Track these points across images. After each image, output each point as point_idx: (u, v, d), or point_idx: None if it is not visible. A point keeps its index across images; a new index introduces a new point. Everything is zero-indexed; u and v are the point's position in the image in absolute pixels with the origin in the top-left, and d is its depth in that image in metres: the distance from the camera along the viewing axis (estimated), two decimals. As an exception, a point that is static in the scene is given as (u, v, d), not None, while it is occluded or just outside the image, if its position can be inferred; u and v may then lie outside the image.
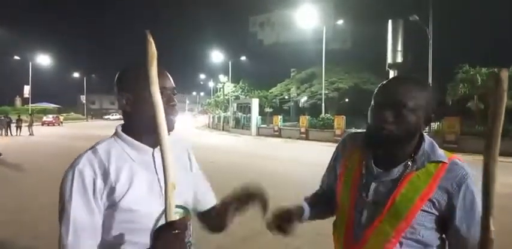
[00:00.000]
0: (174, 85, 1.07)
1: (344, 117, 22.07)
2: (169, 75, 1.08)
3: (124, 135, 1.04)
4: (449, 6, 25.15)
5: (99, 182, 0.96)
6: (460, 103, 21.82)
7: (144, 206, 0.97)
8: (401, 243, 1.07)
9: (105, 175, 0.96)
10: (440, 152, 1.09)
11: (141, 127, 1.02)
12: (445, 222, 1.08)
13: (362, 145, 1.17)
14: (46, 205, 5.94)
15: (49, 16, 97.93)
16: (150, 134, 0.97)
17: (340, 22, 34.29)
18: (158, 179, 1.02)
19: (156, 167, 1.03)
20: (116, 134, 1.06)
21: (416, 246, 1.08)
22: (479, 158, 0.71)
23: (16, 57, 46.61)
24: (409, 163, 1.08)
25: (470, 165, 1.10)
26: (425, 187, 1.06)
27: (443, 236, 1.12)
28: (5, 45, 40.13)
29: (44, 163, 11.57)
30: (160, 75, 1.02)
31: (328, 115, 24.76)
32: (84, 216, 0.93)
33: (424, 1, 21.20)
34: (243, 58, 46.51)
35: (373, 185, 1.11)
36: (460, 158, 1.11)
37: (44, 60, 49.72)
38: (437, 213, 1.07)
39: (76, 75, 65.44)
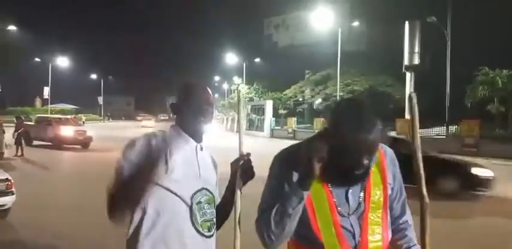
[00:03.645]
0: (209, 95, 1.42)
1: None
2: (209, 90, 1.44)
3: (179, 129, 1.38)
4: (467, 7, 24.61)
5: (162, 150, 1.26)
6: (480, 106, 21.30)
7: (184, 184, 1.28)
8: (388, 228, 1.26)
9: (167, 149, 1.27)
10: None
11: (186, 124, 1.38)
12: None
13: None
14: (67, 205, 6.07)
15: (68, 18, 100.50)
16: (191, 128, 1.37)
17: (356, 23, 33.97)
18: (198, 166, 1.34)
19: (197, 158, 1.35)
20: (173, 128, 1.40)
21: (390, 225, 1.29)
22: (500, 162, 0.71)
23: (36, 59, 47.87)
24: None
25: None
26: (381, 175, 1.25)
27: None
28: (26, 47, 41.31)
29: (66, 163, 11.82)
30: (202, 89, 1.41)
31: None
32: (142, 162, 1.23)
33: (441, 2, 20.82)
34: (258, 60, 46.57)
35: (350, 194, 1.20)
36: None
37: (63, 62, 50.86)
38: (390, 192, 1.28)
39: (94, 76, 66.76)
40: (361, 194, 1.21)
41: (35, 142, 16.24)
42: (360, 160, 1.11)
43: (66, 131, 15.80)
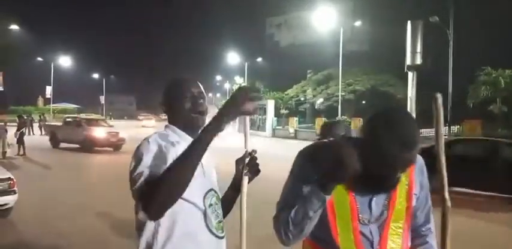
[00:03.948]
0: (201, 90, 1.33)
1: (361, 119, 21.79)
2: (198, 83, 1.35)
3: (175, 128, 1.30)
4: (470, 7, 24.53)
5: (171, 152, 1.18)
6: (482, 106, 21.24)
7: (195, 188, 1.16)
8: (408, 239, 1.23)
9: (174, 152, 1.18)
10: None
11: (179, 122, 1.30)
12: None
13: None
14: (69, 204, 6.09)
15: (70, 18, 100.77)
16: (185, 127, 1.29)
17: (358, 23, 33.89)
18: (202, 166, 1.23)
19: None
20: (168, 128, 1.32)
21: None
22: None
23: (39, 59, 48.01)
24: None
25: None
26: (408, 185, 1.20)
27: None
28: (29, 46, 41.44)
29: (67, 162, 11.84)
30: (192, 82, 1.33)
31: (345, 117, 24.52)
32: (157, 163, 1.14)
33: (444, 2, 20.76)
34: (259, 59, 46.55)
35: (373, 202, 1.16)
36: None
37: (65, 61, 51.02)
38: (415, 203, 1.22)
39: (95, 75, 66.93)
40: (385, 203, 1.17)
41: (62, 145, 15.44)
42: (394, 174, 1.07)
43: (98, 132, 14.44)
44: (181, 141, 1.25)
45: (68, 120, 16.90)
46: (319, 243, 1.21)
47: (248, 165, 1.26)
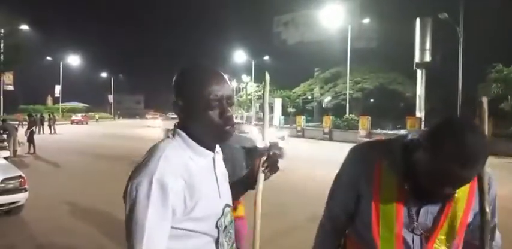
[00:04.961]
0: (231, 92, 1.02)
1: (369, 117, 21.65)
2: (227, 80, 1.03)
3: (189, 140, 1.00)
4: (480, 3, 24.14)
5: (179, 192, 0.93)
6: (493, 104, 20.93)
7: (209, 211, 0.99)
8: None
9: (185, 185, 0.94)
10: None
11: (198, 133, 1.00)
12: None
13: (396, 170, 1.06)
14: (79, 201, 6.15)
15: (79, 18, 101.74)
16: (206, 140, 1.01)
17: (366, 21, 33.62)
18: (217, 182, 1.04)
19: (216, 172, 1.05)
20: (179, 136, 1.01)
21: None
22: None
23: (48, 58, 48.56)
24: None
25: (500, 168, 1.11)
26: (467, 199, 1.08)
27: None
28: (38, 46, 41.90)
29: (77, 160, 11.96)
30: (218, 80, 0.99)
31: (353, 115, 24.37)
32: (160, 226, 0.91)
33: (454, -2, 20.46)
34: (267, 57, 46.46)
35: (423, 210, 1.08)
36: None
37: (73, 60, 51.61)
38: (474, 220, 1.11)
39: (104, 74, 67.53)
40: (437, 214, 1.08)
41: None
42: (448, 191, 0.98)
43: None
44: (196, 156, 1.00)
45: None
46: (362, 244, 1.18)
47: (267, 161, 1.13)
